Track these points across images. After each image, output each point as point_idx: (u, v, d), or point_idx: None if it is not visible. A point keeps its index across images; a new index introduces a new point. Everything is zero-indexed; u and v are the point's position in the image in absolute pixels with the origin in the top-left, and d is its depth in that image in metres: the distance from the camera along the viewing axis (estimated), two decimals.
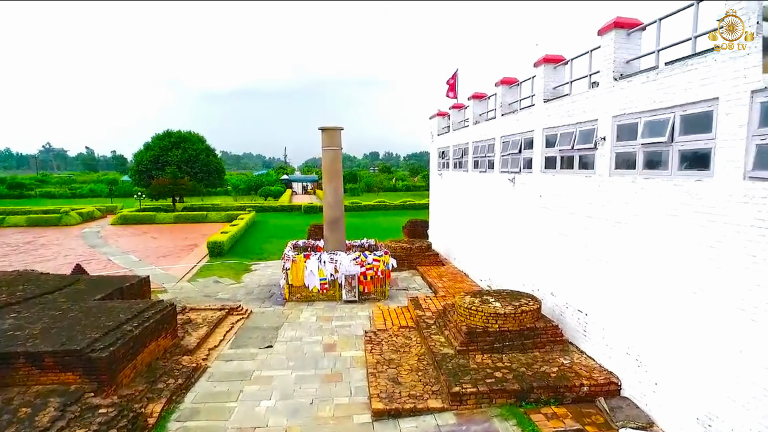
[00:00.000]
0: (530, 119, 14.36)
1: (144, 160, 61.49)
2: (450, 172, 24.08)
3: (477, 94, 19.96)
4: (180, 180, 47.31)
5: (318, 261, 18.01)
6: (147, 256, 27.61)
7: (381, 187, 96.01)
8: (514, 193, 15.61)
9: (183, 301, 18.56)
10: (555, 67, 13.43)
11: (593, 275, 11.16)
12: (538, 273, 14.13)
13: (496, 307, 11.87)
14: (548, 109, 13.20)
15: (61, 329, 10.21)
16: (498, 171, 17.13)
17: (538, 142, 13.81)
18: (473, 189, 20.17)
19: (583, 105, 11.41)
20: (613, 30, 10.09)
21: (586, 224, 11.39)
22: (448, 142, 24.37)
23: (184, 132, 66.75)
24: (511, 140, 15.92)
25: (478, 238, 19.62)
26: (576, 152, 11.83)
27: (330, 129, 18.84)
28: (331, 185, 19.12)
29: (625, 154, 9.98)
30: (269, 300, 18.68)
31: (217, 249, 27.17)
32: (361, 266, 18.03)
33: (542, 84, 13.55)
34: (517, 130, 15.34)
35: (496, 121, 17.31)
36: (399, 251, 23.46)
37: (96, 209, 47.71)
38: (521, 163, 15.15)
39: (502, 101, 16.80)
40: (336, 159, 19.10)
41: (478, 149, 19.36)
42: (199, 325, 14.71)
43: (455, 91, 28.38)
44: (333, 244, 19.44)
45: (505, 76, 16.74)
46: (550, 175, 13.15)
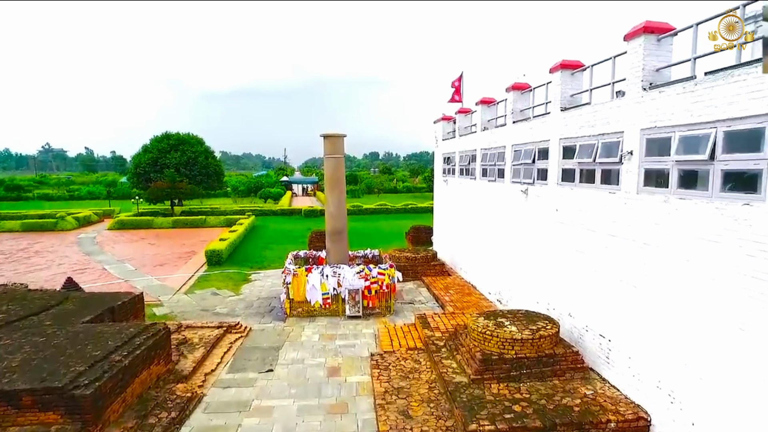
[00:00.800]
0: (545, 128, 13.56)
1: (142, 163, 60.51)
2: (456, 179, 23.28)
3: (485, 99, 19.15)
4: (178, 183, 46.50)
5: (320, 275, 17.22)
6: (143, 264, 26.80)
7: (382, 188, 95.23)
8: (527, 206, 14.81)
9: (179, 316, 17.80)
10: (573, 74, 12.62)
11: (617, 298, 10.37)
12: (553, 291, 13.33)
13: (512, 332, 11.07)
14: (566, 118, 12.40)
15: (44, 360, 9.41)
16: (509, 181, 16.33)
17: (554, 152, 13.01)
18: (481, 198, 19.37)
19: (606, 115, 10.61)
20: (642, 35, 9.29)
21: (608, 243, 10.59)
22: (453, 148, 23.58)
23: (183, 134, 65.81)
24: (523, 149, 15.12)
25: (487, 250, 18.83)
26: (598, 166, 11.02)
27: (332, 136, 18.05)
28: (333, 195, 18.32)
29: (656, 170, 9.18)
30: (269, 315, 17.88)
31: (216, 258, 26.37)
32: (365, 280, 17.24)
33: (559, 91, 12.74)
34: (531, 139, 14.54)
35: (506, 129, 16.51)
36: (403, 261, 22.67)
37: (93, 213, 46.92)
38: (535, 174, 14.35)
39: (513, 108, 16.00)
40: (339, 167, 18.31)
41: (487, 157, 18.56)
42: (195, 346, 13.91)
43: (461, 95, 27.62)
44: (335, 255, 18.64)
45: (516, 82, 15.94)
46: (568, 188, 12.34)
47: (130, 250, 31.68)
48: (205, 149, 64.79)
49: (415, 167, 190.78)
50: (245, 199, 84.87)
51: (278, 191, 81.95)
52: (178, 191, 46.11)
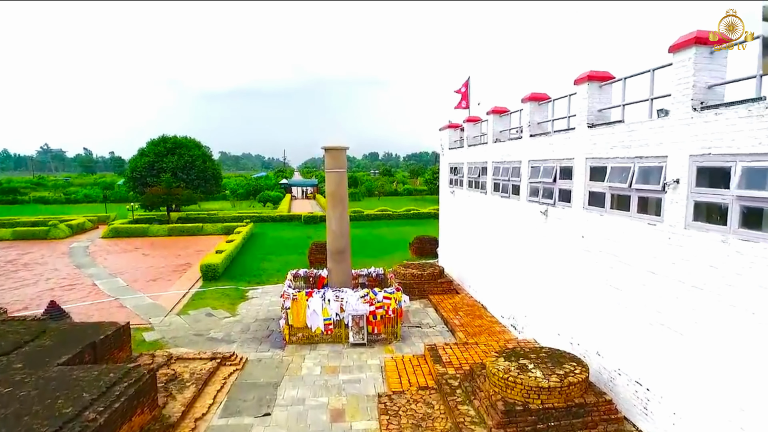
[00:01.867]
0: (569, 145, 12.36)
1: (138, 167, 59.40)
2: (464, 191, 22.08)
3: (497, 108, 17.95)
4: (174, 189, 45.25)
5: (321, 299, 16.01)
6: (135, 279, 25.57)
7: (382, 191, 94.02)
8: (547, 228, 13.61)
9: (170, 343, 16.59)
10: (601, 86, 11.42)
11: (658, 344, 9.17)
12: (578, 324, 12.13)
13: (537, 379, 9.87)
14: (594, 136, 11.20)
15: (4, 421, 8.20)
16: (525, 199, 15.13)
17: (580, 173, 11.81)
18: (493, 214, 18.17)
19: (644, 136, 9.41)
20: (693, 47, 8.09)
21: (647, 281, 9.40)
22: (461, 158, 22.37)
23: (180, 137, 64.67)
24: (542, 166, 13.92)
25: (499, 270, 17.64)
26: (633, 192, 9.82)
27: (334, 149, 16.85)
28: (336, 211, 17.11)
29: (710, 204, 7.98)
30: (267, 341, 16.67)
31: (211, 273, 25.16)
32: (369, 305, 16.04)
33: (585, 105, 11.54)
34: (551, 156, 13.34)
35: (522, 143, 15.31)
36: (409, 278, 21.50)
37: (87, 220, 45.64)
38: (556, 195, 13.15)
39: (530, 120, 14.80)
40: (341, 182, 17.10)
41: (500, 171, 17.36)
42: (185, 384, 12.70)
43: (467, 101, 26.45)
44: (338, 276, 17.43)
45: (533, 92, 14.74)
46: (596, 214, 11.14)
47: (122, 261, 30.44)
48: (203, 152, 63.73)
49: (415, 168, 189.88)
50: (244, 203, 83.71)
51: (277, 194, 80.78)
52: (174, 197, 44.87)
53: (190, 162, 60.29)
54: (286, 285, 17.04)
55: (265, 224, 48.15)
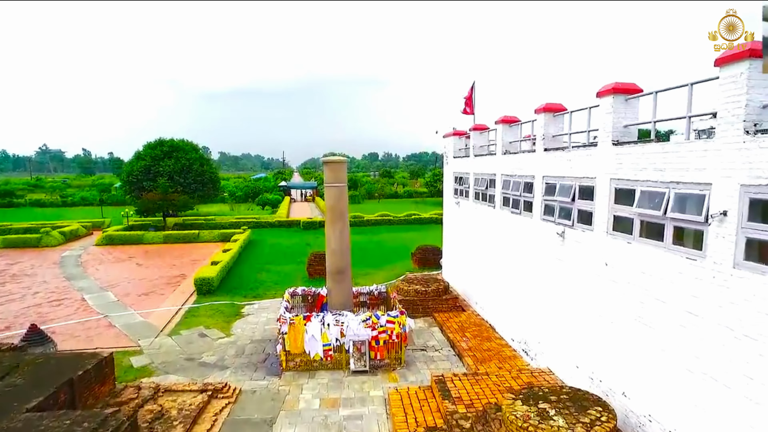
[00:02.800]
0: (590, 163, 11.32)
1: (134, 171, 58.33)
2: (470, 203, 21.03)
3: (507, 118, 16.91)
4: (170, 195, 44.20)
5: (320, 323, 14.97)
6: (127, 293, 24.52)
7: (382, 193, 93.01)
8: (564, 251, 12.57)
9: (159, 369, 15.55)
10: (627, 100, 10.38)
11: (699, 393, 8.14)
12: (601, 360, 11.09)
13: (559, 427, 8.83)
14: (620, 155, 10.15)
15: None
16: (539, 217, 14.08)
17: (603, 194, 10.77)
18: (502, 230, 17.14)
19: (683, 160, 8.36)
20: (747, 61, 7.05)
21: (686, 322, 8.36)
22: (467, 168, 21.33)
23: (177, 140, 63.61)
24: (558, 183, 12.87)
25: (509, 289, 16.60)
26: (668, 221, 8.77)
27: (334, 162, 15.81)
28: (335, 229, 16.06)
29: (765, 242, 6.94)
30: (263, 367, 15.63)
31: (206, 287, 24.11)
32: (372, 329, 15.00)
33: (609, 121, 10.50)
34: (569, 173, 12.29)
35: (536, 157, 14.27)
36: (412, 295, 20.47)
37: (81, 226, 44.59)
38: (575, 215, 12.11)
39: (544, 132, 13.75)
40: (341, 197, 16.05)
41: (510, 185, 16.31)
42: (172, 423, 11.66)
43: (472, 107, 25.45)
44: (338, 297, 16.39)
45: (548, 102, 13.70)
46: (623, 241, 10.10)
47: (115, 272, 29.39)
48: (200, 156, 62.75)
49: (415, 169, 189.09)
50: (242, 205, 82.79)
51: (276, 197, 79.79)
52: (169, 203, 43.82)
53: (187, 165, 59.21)
54: (282, 308, 15.98)
55: (263, 230, 47.12)
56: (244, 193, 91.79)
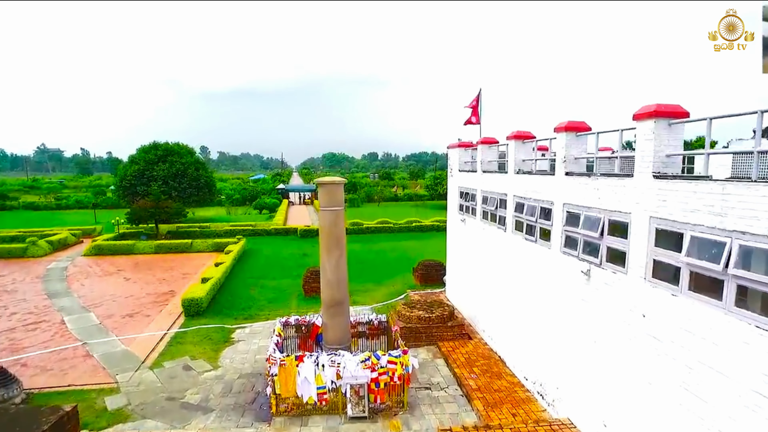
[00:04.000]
0: (623, 195, 9.83)
1: (128, 175, 56.84)
2: (477, 222, 19.53)
3: (520, 133, 15.41)
4: (162, 202, 42.65)
5: (314, 364, 13.48)
6: (110, 314, 23.00)
7: (382, 196, 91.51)
8: (589, 291, 11.08)
9: (136, 413, 14.05)
10: (671, 125, 8.87)
11: None
12: (634, 424, 9.59)
13: None
14: (663, 190, 8.65)
15: None
16: (558, 248, 12.58)
17: (641, 234, 9.27)
18: (514, 257, 15.64)
19: (753, 206, 6.86)
20: None
21: (756, 405, 6.86)
22: (474, 185, 19.82)
23: (172, 144, 62.10)
24: (583, 214, 11.38)
25: (521, 322, 15.13)
26: (731, 278, 7.27)
27: (329, 183, 14.29)
28: (332, 257, 14.54)
29: None
30: (251, 409, 14.13)
31: (194, 308, 22.59)
32: (371, 371, 13.51)
33: (650, 148, 8.99)
34: (597, 204, 10.80)
35: (555, 181, 12.76)
36: (415, 321, 18.98)
37: (70, 234, 43.06)
38: (603, 252, 10.61)
39: (565, 154, 12.24)
40: (337, 222, 14.54)
41: (524, 209, 14.82)
42: None
43: (478, 116, 24.01)
44: (334, 333, 14.88)
45: (570, 121, 12.20)
46: (666, 292, 8.60)
47: (100, 288, 27.86)
48: (196, 160, 61.26)
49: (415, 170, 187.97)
50: (239, 209, 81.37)
51: (274, 201, 78.32)
52: (162, 211, 42.27)
53: (182, 170, 57.71)
54: (271, 345, 14.47)
55: (260, 239, 45.60)
56: (241, 196, 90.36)
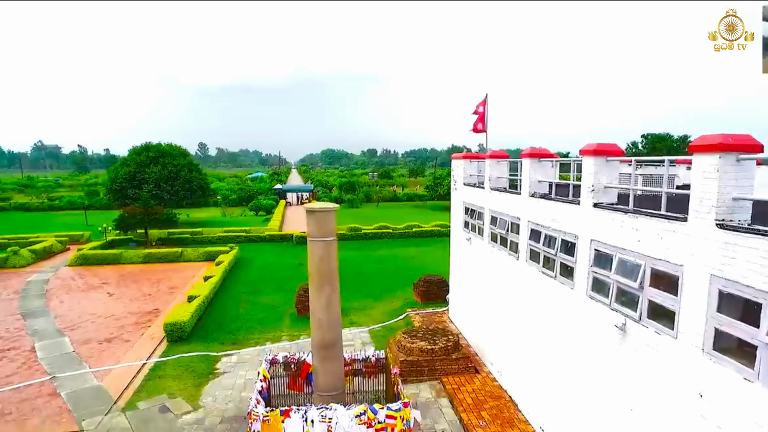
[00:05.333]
0: (674, 244, 8.05)
1: (119, 178, 55.10)
2: (485, 244, 17.77)
3: (536, 151, 13.63)
4: (152, 208, 40.85)
5: (302, 420, 11.74)
6: (87, 339, 21.26)
7: (381, 197, 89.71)
8: (626, 351, 9.32)
9: None
10: (740, 161, 7.09)
11: None
12: None
13: None
14: (730, 245, 6.88)
15: None
16: (584, 292, 10.82)
17: (698, 294, 7.50)
18: (528, 290, 13.89)
19: None
20: None
21: None
22: (481, 202, 18.05)
23: (165, 145, 60.35)
24: (617, 256, 9.61)
25: (537, 364, 13.40)
26: None
27: (318, 211, 12.50)
28: (321, 295, 12.75)
29: None
30: None
31: (177, 333, 20.85)
32: (367, 427, 11.77)
33: (713, 189, 7.20)
34: (637, 248, 9.02)
35: (581, 212, 10.98)
36: (416, 353, 17.27)
37: (56, 241, 41.28)
38: (644, 307, 8.84)
39: (594, 182, 10.45)
40: (329, 256, 12.74)
41: (540, 238, 13.05)
42: None
43: (485, 124, 22.29)
44: (325, 379, 13.11)
45: (600, 143, 10.41)
46: (736, 373, 6.84)
47: (80, 306, 26.09)
48: (189, 162, 59.59)
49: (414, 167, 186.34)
50: (236, 210, 79.68)
51: (270, 202, 76.51)
52: (152, 218, 40.50)
53: (174, 172, 56.02)
54: (254, 398, 12.70)
55: (253, 246, 43.80)
56: (237, 196, 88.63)
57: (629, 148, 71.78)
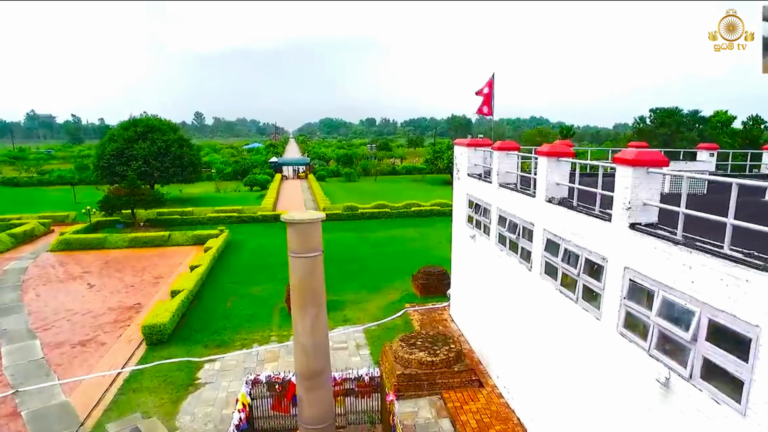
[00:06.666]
0: (739, 293, 6.28)
1: (106, 154, 52.94)
2: (491, 246, 16.02)
3: (554, 149, 11.70)
4: (138, 189, 38.92)
5: None
6: (60, 342, 19.70)
7: (379, 170, 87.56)
8: (667, 411, 7.65)
9: None
10: None
11: None
12: None
13: None
14: None
15: None
16: (615, 327, 9.10)
17: None
18: (543, 306, 12.20)
19: None
20: None
21: None
22: (488, 199, 16.21)
23: (154, 119, 58.07)
24: (659, 292, 7.84)
25: (553, 392, 11.84)
26: None
27: (301, 223, 10.61)
28: (305, 317, 11.00)
29: None
30: None
31: (157, 335, 19.26)
32: None
33: None
34: (687, 291, 7.25)
35: (612, 230, 9.16)
36: (415, 366, 15.72)
37: (38, 224, 39.48)
38: (697, 363, 7.12)
39: (631, 198, 8.59)
40: (313, 272, 10.91)
41: (559, 252, 11.26)
42: None
43: (491, 107, 20.28)
44: (311, 411, 11.49)
45: (640, 151, 8.50)
46: None
47: (57, 301, 24.49)
48: (179, 137, 57.23)
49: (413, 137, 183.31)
50: (230, 184, 77.77)
51: (265, 177, 74.46)
52: (138, 198, 38.62)
53: (164, 148, 53.78)
54: (232, 427, 11.16)
55: (245, 227, 42.07)
56: (232, 170, 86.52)
57: (636, 123, 69.04)
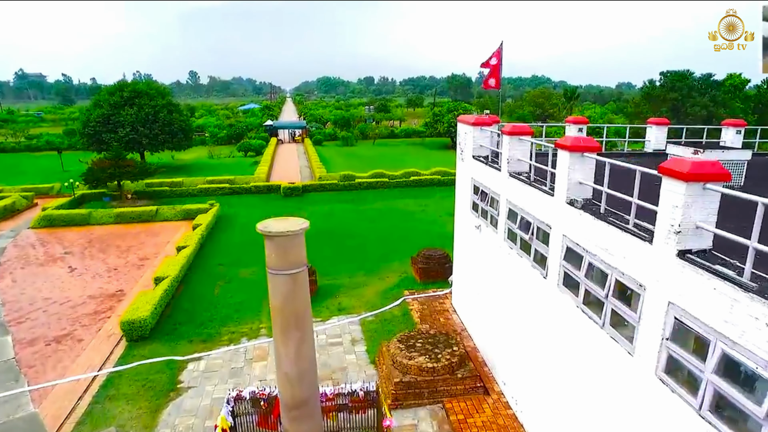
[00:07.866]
0: None
1: (91, 121, 50.55)
2: (499, 240, 14.42)
3: (576, 143, 9.92)
4: (123, 161, 37.02)
5: None
6: (34, 338, 18.40)
7: (377, 134, 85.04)
8: None
9: None
10: None
11: None
12: None
13: None
14: None
15: None
16: (652, 368, 7.60)
17: None
18: (560, 324, 10.72)
19: None
20: None
21: None
22: (497, 188, 14.50)
23: (141, 83, 55.45)
24: (720, 348, 6.28)
25: (569, 412, 10.51)
26: None
27: (279, 236, 8.94)
28: (287, 341, 9.49)
29: None
30: None
31: (137, 331, 17.92)
32: None
33: None
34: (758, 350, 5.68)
35: (655, 257, 7.52)
36: (415, 372, 14.42)
37: (20, 197, 37.75)
38: None
39: (682, 222, 6.92)
40: (296, 292, 9.33)
41: (582, 265, 9.66)
42: None
43: (498, 79, 18.39)
44: None
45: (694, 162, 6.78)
46: None
47: (35, 287, 23.09)
48: (168, 102, 54.69)
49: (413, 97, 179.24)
50: (224, 149, 75.67)
51: (260, 142, 72.16)
52: (124, 171, 36.77)
53: (152, 114, 51.34)
54: None
55: (237, 199, 40.42)
56: (227, 134, 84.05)
57: (646, 87, 66.01)
